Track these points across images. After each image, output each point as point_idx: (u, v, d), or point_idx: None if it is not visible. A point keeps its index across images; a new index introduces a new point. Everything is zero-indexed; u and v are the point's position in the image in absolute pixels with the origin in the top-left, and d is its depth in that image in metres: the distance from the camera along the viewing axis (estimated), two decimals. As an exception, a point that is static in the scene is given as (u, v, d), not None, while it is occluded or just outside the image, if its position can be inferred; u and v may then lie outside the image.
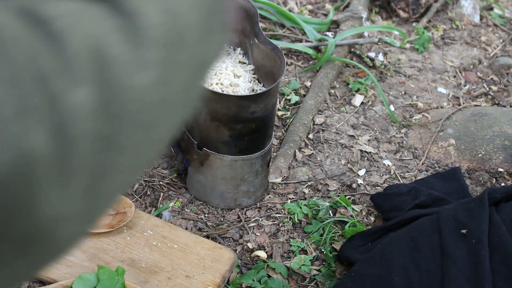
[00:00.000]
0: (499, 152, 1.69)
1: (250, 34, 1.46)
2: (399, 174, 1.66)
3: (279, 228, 1.47)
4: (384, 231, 1.36)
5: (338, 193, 1.58)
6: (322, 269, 1.38)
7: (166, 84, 0.49)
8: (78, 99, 0.42)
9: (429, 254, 1.18)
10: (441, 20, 2.31)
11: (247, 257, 1.40)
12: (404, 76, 2.02)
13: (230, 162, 1.40)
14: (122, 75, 0.45)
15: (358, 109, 1.85)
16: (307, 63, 2.01)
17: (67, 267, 1.27)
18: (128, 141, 0.45)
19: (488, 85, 2.04)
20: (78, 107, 0.42)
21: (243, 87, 1.43)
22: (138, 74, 0.46)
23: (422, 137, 1.78)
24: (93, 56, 0.43)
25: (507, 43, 2.25)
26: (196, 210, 1.49)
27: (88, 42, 0.44)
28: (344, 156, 1.69)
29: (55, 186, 0.41)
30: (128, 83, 0.45)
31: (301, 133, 1.71)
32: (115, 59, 0.45)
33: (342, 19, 2.15)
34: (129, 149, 0.46)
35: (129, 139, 0.46)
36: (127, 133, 0.45)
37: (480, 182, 1.64)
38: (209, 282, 1.29)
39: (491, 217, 1.19)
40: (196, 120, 1.37)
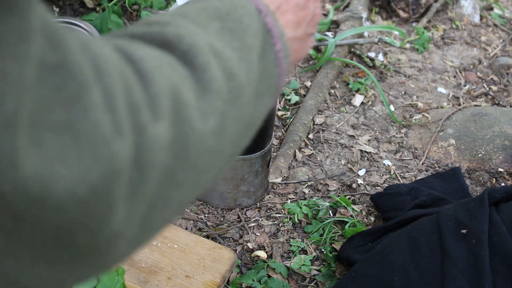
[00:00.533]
0: (499, 152, 1.69)
1: (250, 34, 1.46)
2: (399, 174, 1.66)
3: (279, 228, 1.47)
4: (384, 231, 1.36)
5: (338, 193, 1.58)
6: (322, 269, 1.38)
7: (222, 134, 0.54)
8: (158, 132, 0.46)
9: (429, 254, 1.18)
10: (441, 20, 2.31)
11: (247, 257, 1.40)
12: (404, 76, 2.02)
13: (230, 162, 1.40)
14: (192, 118, 0.49)
15: (358, 109, 1.85)
16: (307, 63, 2.01)
17: (67, 267, 1.27)
18: (184, 179, 0.50)
19: (488, 85, 2.04)
20: (157, 139, 0.46)
21: (243, 87, 1.43)
22: (202, 120, 0.51)
23: (422, 137, 1.78)
24: (172, 97, 0.48)
25: (507, 43, 2.25)
26: (196, 210, 1.49)
27: (168, 84, 0.48)
28: (344, 156, 1.69)
29: (126, 206, 0.44)
30: (195, 126, 0.50)
31: (301, 133, 1.71)
32: (187, 102, 0.49)
33: (342, 19, 2.15)
34: (182, 187, 0.50)
35: (185, 178, 0.50)
36: (186, 172, 0.50)
37: (480, 182, 1.64)
38: (209, 282, 1.29)
39: (491, 217, 1.19)
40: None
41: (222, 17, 0.60)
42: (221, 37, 0.58)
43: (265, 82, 0.62)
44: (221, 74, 0.54)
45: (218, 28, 0.59)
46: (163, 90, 0.47)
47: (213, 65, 0.54)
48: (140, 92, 0.46)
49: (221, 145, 0.54)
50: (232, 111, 0.55)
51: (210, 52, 0.54)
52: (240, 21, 0.61)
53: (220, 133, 0.53)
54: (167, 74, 0.49)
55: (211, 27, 0.58)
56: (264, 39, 0.63)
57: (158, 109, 0.46)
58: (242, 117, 0.58)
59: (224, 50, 0.56)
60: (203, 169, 0.52)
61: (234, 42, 0.58)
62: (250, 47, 0.60)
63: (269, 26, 0.65)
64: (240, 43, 0.59)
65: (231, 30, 0.59)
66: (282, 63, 0.66)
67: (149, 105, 0.46)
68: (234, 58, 0.57)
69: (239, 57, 0.58)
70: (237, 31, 0.60)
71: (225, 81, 0.55)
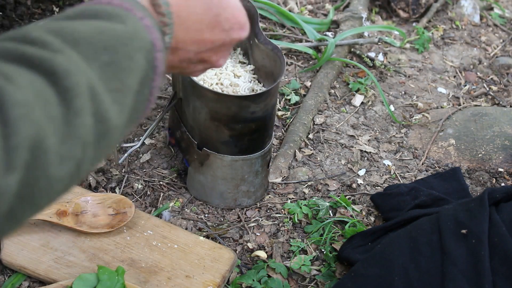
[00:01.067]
0: (499, 152, 1.69)
1: (250, 34, 1.46)
2: (399, 174, 1.66)
3: (279, 228, 1.47)
4: (384, 231, 1.36)
5: (338, 193, 1.58)
6: (322, 269, 1.38)
7: (75, 176, 0.57)
8: (7, 183, 0.50)
9: (429, 254, 1.18)
10: (441, 20, 2.31)
11: (247, 257, 1.40)
12: (404, 76, 2.02)
13: (230, 162, 1.40)
14: (48, 164, 0.53)
15: (358, 109, 1.85)
16: (307, 63, 2.01)
17: (67, 267, 1.27)
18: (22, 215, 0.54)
19: (488, 85, 2.04)
20: (4, 192, 0.49)
21: (243, 87, 1.43)
22: (59, 166, 0.54)
23: (422, 137, 1.78)
24: (33, 146, 0.51)
25: (507, 43, 2.25)
26: (196, 210, 1.49)
27: (33, 131, 0.51)
28: (344, 156, 1.69)
29: None
30: (50, 173, 0.53)
31: (301, 133, 1.71)
32: (48, 149, 0.53)
33: (342, 19, 2.15)
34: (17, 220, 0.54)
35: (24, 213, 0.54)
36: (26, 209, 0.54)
37: (480, 182, 1.64)
38: (209, 282, 1.29)
39: (491, 217, 1.19)
40: (196, 120, 1.37)
41: (115, 47, 0.61)
42: (104, 75, 0.60)
43: (133, 116, 0.65)
44: (92, 119, 0.57)
45: (106, 63, 0.60)
46: (24, 141, 0.50)
47: (87, 110, 0.56)
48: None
49: (68, 186, 0.58)
50: (92, 152, 0.59)
51: (88, 95, 0.57)
52: (130, 58, 0.63)
53: (72, 176, 0.57)
54: (35, 120, 0.51)
55: (99, 61, 0.60)
56: (146, 75, 0.66)
57: (13, 161, 0.50)
58: (100, 155, 0.61)
59: (102, 93, 0.58)
60: (42, 206, 0.57)
61: (115, 82, 0.61)
62: (129, 87, 0.63)
63: (156, 62, 0.67)
64: (120, 85, 0.61)
65: (117, 68, 0.61)
66: (153, 97, 0.69)
67: (4, 157, 0.49)
68: (109, 101, 0.59)
69: (115, 100, 0.60)
70: (123, 69, 0.62)
71: (95, 125, 0.57)
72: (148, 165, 1.58)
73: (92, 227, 1.34)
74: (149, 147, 1.63)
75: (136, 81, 0.63)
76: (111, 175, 1.55)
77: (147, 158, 1.60)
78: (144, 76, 0.65)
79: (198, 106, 1.34)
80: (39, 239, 1.31)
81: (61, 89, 0.54)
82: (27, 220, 0.57)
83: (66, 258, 1.29)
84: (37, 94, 0.53)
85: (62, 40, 0.58)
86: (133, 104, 0.64)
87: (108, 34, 0.61)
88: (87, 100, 0.56)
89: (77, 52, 0.58)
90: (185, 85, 1.37)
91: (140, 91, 0.65)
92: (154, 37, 0.66)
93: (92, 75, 0.58)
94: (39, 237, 1.32)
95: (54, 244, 1.31)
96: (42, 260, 1.28)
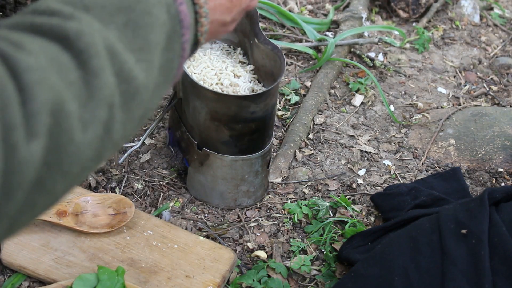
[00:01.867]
0: (499, 152, 1.69)
1: (250, 34, 1.46)
2: (399, 174, 1.66)
3: (279, 228, 1.47)
4: (384, 231, 1.36)
5: (338, 193, 1.58)
6: (322, 269, 1.38)
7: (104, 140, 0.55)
8: (30, 151, 0.47)
9: (429, 254, 1.18)
10: (441, 20, 2.31)
11: (247, 257, 1.40)
12: (404, 76, 2.02)
13: (230, 162, 1.40)
14: (72, 129, 0.50)
15: (358, 109, 1.85)
16: (307, 63, 2.01)
17: (67, 267, 1.27)
18: (54, 186, 0.51)
19: (488, 85, 2.04)
20: (28, 159, 0.47)
21: (243, 87, 1.43)
22: (83, 131, 0.52)
23: (422, 137, 1.78)
24: (53, 111, 0.49)
25: (507, 43, 2.25)
26: (196, 210, 1.49)
27: (51, 96, 0.49)
28: (344, 156, 1.69)
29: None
30: (74, 138, 0.51)
31: (301, 133, 1.71)
32: (69, 114, 0.50)
33: (342, 19, 2.15)
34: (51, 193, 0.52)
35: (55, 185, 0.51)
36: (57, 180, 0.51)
37: (480, 182, 1.64)
38: (209, 282, 1.29)
39: (491, 217, 1.19)
40: (196, 120, 1.37)
41: (131, 6, 0.59)
42: (124, 36, 0.57)
43: (165, 74, 0.62)
44: (114, 80, 0.54)
45: (123, 23, 0.57)
46: (43, 106, 0.48)
47: (107, 70, 0.54)
48: (17, 111, 0.47)
49: (100, 150, 0.55)
50: (122, 115, 0.56)
51: (106, 55, 0.54)
52: (149, 13, 0.60)
53: (102, 140, 0.54)
54: (52, 85, 0.49)
55: (115, 23, 0.57)
56: (173, 29, 0.63)
57: (34, 127, 0.47)
58: (133, 116, 0.58)
59: (123, 52, 0.56)
60: (75, 175, 0.53)
61: (137, 41, 0.58)
62: (154, 44, 0.60)
63: (181, 15, 0.64)
64: (143, 42, 0.58)
65: (136, 26, 0.58)
66: (186, 52, 0.66)
67: (25, 124, 0.47)
68: (133, 61, 0.57)
69: (139, 58, 0.58)
70: (143, 26, 0.59)
71: (118, 85, 0.55)
72: (148, 165, 1.58)
73: (92, 227, 1.34)
74: (149, 147, 1.63)
75: (161, 37, 0.61)
76: (111, 175, 1.55)
77: (147, 158, 1.60)
78: (170, 31, 0.62)
79: (198, 106, 1.34)
80: (39, 239, 1.31)
81: (76, 51, 0.52)
82: (63, 191, 0.54)
83: (66, 258, 1.29)
84: (51, 59, 0.51)
85: (73, 7, 0.56)
86: (163, 62, 0.61)
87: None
88: (105, 60, 0.54)
89: (90, 15, 0.56)
90: (185, 85, 1.37)
91: (169, 48, 0.62)
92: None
93: (110, 35, 0.56)
94: (39, 237, 1.32)
95: (54, 244, 1.31)
96: (42, 260, 1.28)
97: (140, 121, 0.61)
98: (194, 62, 1.46)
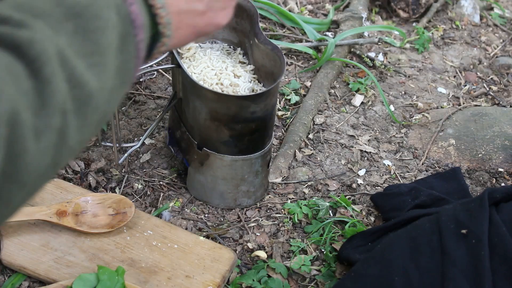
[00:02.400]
0: (499, 152, 1.69)
1: (250, 34, 1.46)
2: (399, 174, 1.66)
3: (279, 228, 1.47)
4: (384, 231, 1.36)
5: (338, 193, 1.58)
6: (322, 269, 1.38)
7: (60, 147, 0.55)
8: None
9: (429, 254, 1.18)
10: (441, 20, 2.31)
11: (247, 257, 1.40)
12: (404, 76, 2.02)
13: (230, 162, 1.40)
14: (25, 140, 0.51)
15: (358, 109, 1.85)
16: (307, 63, 2.01)
17: (67, 267, 1.27)
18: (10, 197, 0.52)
19: (488, 85, 2.04)
20: None
21: (243, 87, 1.43)
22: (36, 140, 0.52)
23: (422, 137, 1.78)
24: (9, 122, 0.49)
25: (507, 43, 2.25)
26: (196, 210, 1.49)
27: (8, 108, 0.49)
28: (344, 156, 1.69)
29: None
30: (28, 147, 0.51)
31: (301, 133, 1.71)
32: (23, 123, 0.51)
33: (342, 19, 2.15)
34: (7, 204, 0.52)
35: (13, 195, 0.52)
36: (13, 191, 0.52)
37: (480, 182, 1.64)
38: (209, 282, 1.29)
39: (491, 217, 1.19)
40: (196, 120, 1.37)
41: (80, 13, 0.58)
42: (74, 41, 0.57)
43: (121, 76, 0.62)
44: (66, 86, 0.54)
45: (73, 29, 0.57)
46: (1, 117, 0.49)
47: (58, 77, 0.54)
48: None
49: (56, 157, 0.55)
50: (76, 121, 0.56)
51: (57, 61, 0.54)
52: (98, 17, 0.59)
53: (57, 147, 0.54)
54: (8, 96, 0.50)
55: (65, 29, 0.57)
56: (125, 31, 0.62)
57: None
58: (89, 121, 0.58)
59: (73, 58, 0.56)
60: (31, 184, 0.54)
61: (88, 45, 0.58)
62: (106, 47, 0.59)
63: (132, 16, 0.63)
64: (94, 46, 0.58)
65: (86, 31, 0.58)
66: (141, 52, 0.65)
67: None
68: (84, 65, 0.56)
69: (91, 63, 0.57)
70: (93, 30, 0.58)
71: (70, 91, 0.55)
72: (148, 165, 1.58)
73: (92, 227, 1.34)
74: (149, 147, 1.63)
75: (113, 39, 0.60)
76: (111, 175, 1.55)
77: (147, 158, 1.60)
78: (122, 33, 0.61)
79: (198, 106, 1.34)
80: (39, 239, 1.31)
81: (28, 60, 0.52)
82: (20, 202, 0.54)
83: (66, 258, 1.29)
84: (6, 70, 0.51)
85: (24, 13, 0.56)
86: (118, 64, 0.61)
87: (66, 3, 0.58)
88: (57, 66, 0.54)
89: (41, 23, 0.56)
90: (185, 85, 1.37)
91: (123, 49, 0.62)
92: None
93: (60, 42, 0.55)
94: (39, 237, 1.32)
95: (54, 244, 1.31)
96: (42, 260, 1.28)
97: (98, 125, 0.61)
98: (194, 62, 1.46)
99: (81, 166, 1.54)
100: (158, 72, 1.87)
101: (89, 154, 1.58)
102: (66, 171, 1.53)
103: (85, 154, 1.58)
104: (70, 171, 1.53)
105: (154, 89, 1.82)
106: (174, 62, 1.38)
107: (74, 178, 1.51)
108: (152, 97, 1.79)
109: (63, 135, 0.55)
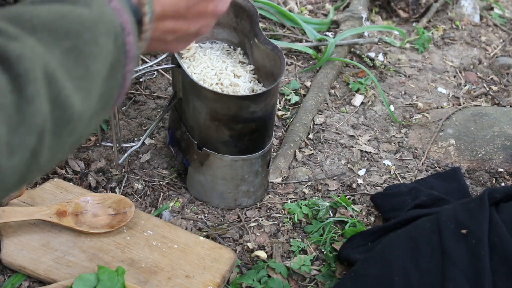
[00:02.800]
0: (499, 152, 1.69)
1: (250, 34, 1.46)
2: (399, 174, 1.66)
3: (279, 228, 1.47)
4: (384, 231, 1.36)
5: (338, 193, 1.58)
6: (322, 269, 1.38)
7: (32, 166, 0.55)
8: None
9: (429, 254, 1.18)
10: (441, 20, 2.31)
11: (247, 257, 1.40)
12: (404, 76, 2.02)
13: (230, 162, 1.40)
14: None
15: (358, 109, 1.85)
16: (307, 63, 2.01)
17: (67, 267, 1.27)
18: None
19: (488, 85, 2.04)
20: None
21: (243, 87, 1.43)
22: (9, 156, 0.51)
23: (422, 137, 1.78)
24: None
25: (507, 43, 2.25)
26: (196, 210, 1.49)
27: None
28: (344, 156, 1.69)
29: None
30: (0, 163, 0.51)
31: (301, 133, 1.71)
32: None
33: (342, 19, 2.15)
34: None
35: None
36: None
37: (480, 182, 1.64)
38: (209, 282, 1.29)
39: (491, 217, 1.19)
40: (196, 120, 1.37)
41: (78, 33, 0.58)
42: (66, 62, 0.57)
43: (103, 102, 0.62)
44: (48, 106, 0.54)
45: (68, 49, 0.57)
46: None
47: (42, 97, 0.53)
48: None
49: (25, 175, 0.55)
50: (52, 141, 0.56)
51: (44, 81, 0.54)
52: (95, 42, 0.59)
53: (27, 165, 0.54)
54: None
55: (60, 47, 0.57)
56: (117, 59, 0.63)
57: None
58: (64, 143, 0.58)
59: (62, 79, 0.55)
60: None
61: (78, 69, 0.58)
62: (95, 74, 0.59)
63: (127, 46, 0.64)
64: (85, 71, 0.58)
65: (80, 53, 0.58)
66: (127, 82, 0.66)
67: None
68: (71, 88, 0.56)
69: (79, 86, 0.57)
70: (87, 55, 0.59)
71: (52, 112, 0.54)
72: (148, 165, 1.58)
73: (92, 227, 1.34)
74: (149, 147, 1.63)
75: (104, 67, 0.60)
76: (111, 175, 1.55)
77: (147, 158, 1.60)
78: (114, 61, 0.62)
79: (198, 106, 1.34)
80: (39, 239, 1.31)
81: (14, 75, 0.52)
82: None
83: (66, 258, 1.29)
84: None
85: (20, 27, 0.55)
86: (103, 91, 0.61)
87: (70, 19, 0.58)
88: (42, 86, 0.53)
89: (35, 38, 0.55)
90: (185, 85, 1.37)
91: (111, 77, 0.62)
92: (124, 20, 0.63)
93: (51, 61, 0.55)
94: (39, 237, 1.32)
95: (54, 244, 1.31)
96: (42, 260, 1.28)
97: (71, 147, 0.61)
98: (194, 62, 1.46)
99: (81, 166, 1.54)
100: (158, 72, 1.87)
101: (89, 154, 1.58)
102: (66, 171, 1.53)
103: (85, 154, 1.58)
104: (70, 171, 1.53)
105: (154, 89, 1.82)
106: (174, 62, 1.38)
107: (74, 178, 1.51)
108: (152, 97, 1.79)
109: (36, 154, 0.54)
